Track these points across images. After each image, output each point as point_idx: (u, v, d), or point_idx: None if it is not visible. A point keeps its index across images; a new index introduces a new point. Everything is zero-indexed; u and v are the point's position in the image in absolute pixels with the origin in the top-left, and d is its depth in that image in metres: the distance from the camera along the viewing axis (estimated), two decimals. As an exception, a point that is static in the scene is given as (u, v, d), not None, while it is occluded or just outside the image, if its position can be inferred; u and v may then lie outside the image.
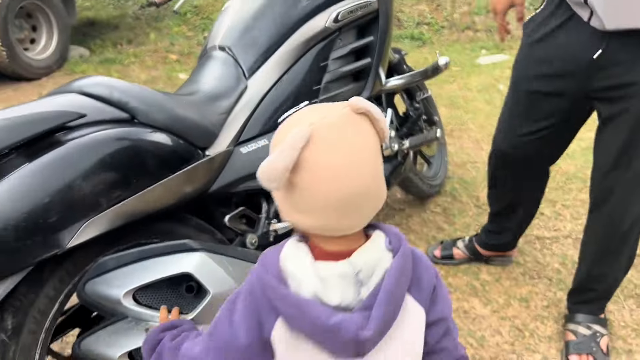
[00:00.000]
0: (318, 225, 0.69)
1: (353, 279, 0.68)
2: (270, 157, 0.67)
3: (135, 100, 1.08)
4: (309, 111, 0.71)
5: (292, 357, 0.69)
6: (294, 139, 0.65)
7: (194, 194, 1.15)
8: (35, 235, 0.88)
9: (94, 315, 1.18)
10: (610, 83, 1.30)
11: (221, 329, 0.72)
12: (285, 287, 0.68)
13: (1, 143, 0.88)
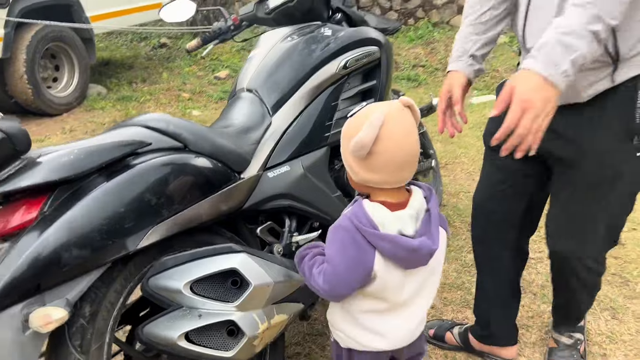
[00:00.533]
0: (384, 179, 1.05)
1: (415, 217, 1.06)
2: (360, 134, 1.02)
3: (187, 133, 1.33)
4: (374, 107, 1.07)
5: (387, 277, 1.05)
6: (375, 121, 1.01)
7: (231, 209, 1.38)
8: (114, 237, 1.11)
9: (142, 314, 1.40)
10: (558, 149, 1.36)
11: (338, 264, 1.06)
12: (378, 230, 1.02)
13: (87, 165, 1.13)
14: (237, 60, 5.83)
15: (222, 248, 1.21)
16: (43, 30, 4.21)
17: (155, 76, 5.56)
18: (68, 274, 1.08)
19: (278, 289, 1.26)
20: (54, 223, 1.07)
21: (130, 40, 7.04)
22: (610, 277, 2.24)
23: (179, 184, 1.24)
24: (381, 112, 1.02)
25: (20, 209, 1.09)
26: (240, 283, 1.19)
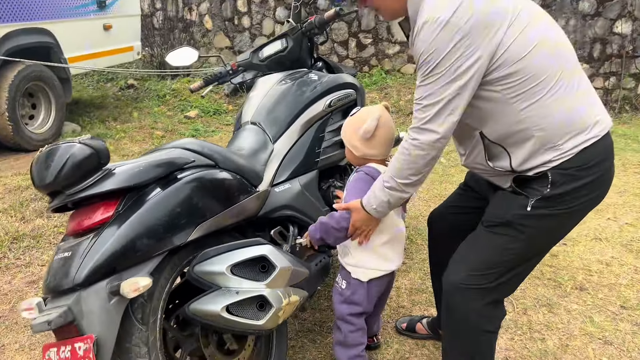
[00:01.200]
0: (379, 152, 1.73)
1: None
2: (367, 124, 1.68)
3: (216, 154, 1.67)
4: (370, 107, 1.76)
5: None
6: (376, 115, 1.69)
7: (251, 215, 1.73)
8: (172, 231, 1.43)
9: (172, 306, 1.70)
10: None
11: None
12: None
13: (150, 175, 1.44)
14: (204, 102, 6.18)
15: (252, 241, 1.55)
16: (25, 70, 4.43)
17: (126, 115, 5.80)
18: (138, 259, 1.38)
19: (294, 273, 1.60)
20: (127, 220, 1.38)
21: (97, 81, 7.26)
22: (546, 282, 2.69)
23: (216, 192, 1.58)
24: (377, 110, 1.72)
25: (101, 208, 1.39)
26: (267, 268, 1.52)
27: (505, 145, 1.46)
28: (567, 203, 1.43)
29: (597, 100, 1.48)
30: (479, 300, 1.54)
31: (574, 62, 1.44)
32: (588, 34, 6.47)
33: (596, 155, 1.41)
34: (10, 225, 3.03)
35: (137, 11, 6.05)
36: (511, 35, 1.34)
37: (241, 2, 7.61)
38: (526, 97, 1.37)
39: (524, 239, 1.49)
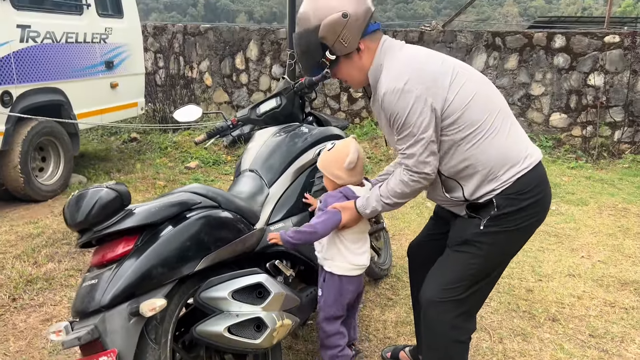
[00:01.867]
0: (357, 179, 2.05)
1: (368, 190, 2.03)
2: (350, 156, 1.99)
3: (219, 196, 1.94)
4: (345, 141, 2.09)
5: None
6: (356, 147, 2.03)
7: (249, 250, 1.98)
8: (182, 262, 1.68)
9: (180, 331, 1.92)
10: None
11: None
12: (355, 194, 2.01)
13: (164, 214, 1.71)
14: (204, 153, 6.50)
15: (250, 270, 1.80)
16: (38, 126, 4.76)
17: (129, 166, 6.10)
18: (153, 285, 1.63)
19: (287, 299, 1.84)
20: (145, 252, 1.64)
21: (101, 135, 7.61)
22: (522, 314, 2.91)
23: (219, 229, 1.84)
24: (352, 143, 2.04)
25: (122, 243, 1.65)
26: (263, 293, 1.77)
27: (457, 179, 1.79)
28: (513, 221, 1.75)
29: (526, 138, 1.83)
30: (451, 312, 1.83)
31: (505, 110, 1.79)
32: (564, 86, 6.91)
33: (531, 181, 1.74)
34: (24, 269, 3.26)
35: (141, 70, 6.47)
36: (453, 91, 1.69)
37: (239, 60, 8.11)
38: (468, 140, 1.71)
39: (482, 255, 1.79)
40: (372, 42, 1.80)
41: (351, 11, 1.72)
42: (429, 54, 1.80)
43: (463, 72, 1.75)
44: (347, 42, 1.75)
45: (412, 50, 1.81)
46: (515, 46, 7.02)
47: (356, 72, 1.84)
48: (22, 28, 4.55)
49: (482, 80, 1.81)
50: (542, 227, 4.15)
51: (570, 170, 6.20)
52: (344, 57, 1.81)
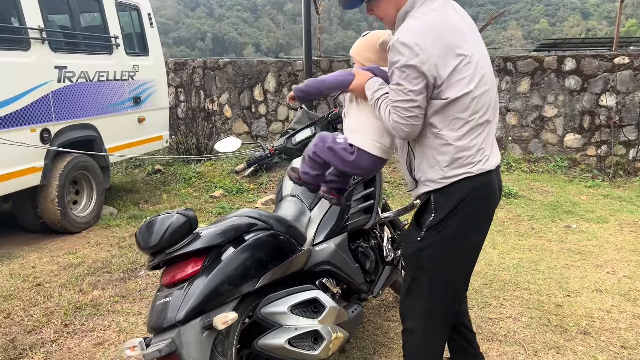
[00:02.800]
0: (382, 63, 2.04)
1: None
2: (385, 37, 2.04)
3: (271, 219, 2.10)
4: (376, 32, 2.09)
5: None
6: (388, 32, 2.03)
7: (298, 269, 2.12)
8: (245, 279, 1.83)
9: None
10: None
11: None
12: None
13: (227, 237, 1.87)
14: (227, 182, 6.69)
15: (305, 287, 1.95)
16: (73, 161, 4.98)
17: (156, 197, 6.30)
18: (220, 302, 1.78)
19: (339, 314, 1.97)
20: (212, 271, 1.79)
21: (126, 168, 7.85)
22: (553, 328, 3.00)
23: (274, 250, 2.00)
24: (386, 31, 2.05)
25: (191, 263, 1.81)
26: (318, 308, 1.91)
27: (415, 153, 1.89)
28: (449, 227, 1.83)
29: (488, 147, 1.86)
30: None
31: (488, 114, 1.82)
32: (576, 107, 7.07)
33: (473, 186, 1.81)
34: (71, 296, 3.41)
35: (166, 104, 6.73)
36: (450, 79, 1.72)
37: (257, 92, 8.38)
38: (437, 122, 1.79)
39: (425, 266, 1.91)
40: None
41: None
42: (456, 27, 1.78)
43: (471, 67, 1.75)
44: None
45: (441, 14, 1.78)
46: (527, 70, 7.21)
47: (392, 8, 1.85)
48: (60, 69, 4.81)
49: (486, 83, 1.81)
50: (565, 245, 4.33)
51: (588, 189, 6.30)
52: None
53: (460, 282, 2.02)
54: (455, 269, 1.93)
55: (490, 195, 1.88)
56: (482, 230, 1.94)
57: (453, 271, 1.93)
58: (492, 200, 1.91)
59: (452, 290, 1.97)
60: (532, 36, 78.22)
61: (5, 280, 3.74)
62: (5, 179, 4.24)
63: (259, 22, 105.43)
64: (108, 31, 5.59)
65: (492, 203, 1.91)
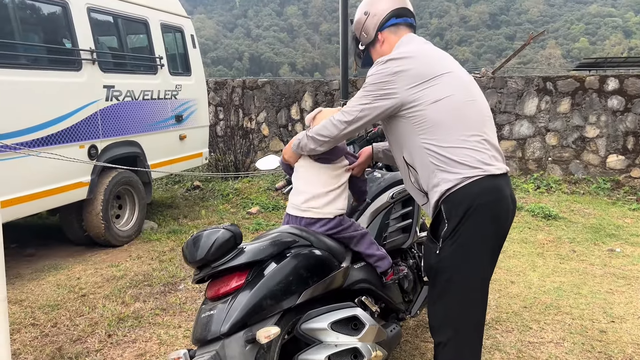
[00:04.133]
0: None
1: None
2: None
3: (312, 236, 2.14)
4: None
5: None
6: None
7: (338, 285, 2.15)
8: (287, 294, 1.86)
9: None
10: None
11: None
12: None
13: (270, 252, 1.91)
14: (264, 199, 6.79)
15: (345, 304, 1.97)
16: (117, 176, 5.16)
17: (194, 213, 6.44)
18: (263, 316, 1.81)
19: (378, 332, 1.98)
20: (255, 286, 1.83)
21: (166, 184, 8.07)
22: (597, 354, 2.92)
23: (315, 266, 2.03)
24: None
25: (235, 278, 1.86)
26: (358, 325, 1.92)
27: (415, 167, 1.97)
28: (463, 234, 1.85)
29: (488, 153, 1.91)
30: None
31: (478, 123, 1.91)
32: (620, 128, 6.90)
33: (476, 190, 1.83)
34: (114, 308, 3.52)
35: (206, 122, 6.92)
36: (425, 86, 1.87)
37: (294, 110, 8.51)
38: (423, 132, 1.90)
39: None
40: (391, 34, 2.11)
41: (371, 10, 2.13)
42: (436, 56, 1.99)
43: (450, 78, 1.91)
44: (367, 34, 2.16)
45: (424, 46, 2.02)
46: (567, 90, 7.10)
47: (378, 57, 2.05)
48: (108, 88, 5.03)
49: (466, 89, 1.94)
50: (609, 269, 4.21)
51: (632, 212, 6.11)
52: (371, 47, 2.18)
53: (481, 290, 1.98)
54: (474, 276, 1.92)
55: (500, 199, 1.89)
56: (496, 234, 1.92)
57: (473, 279, 1.92)
58: (503, 204, 1.90)
59: (475, 300, 1.95)
60: (572, 55, 76.79)
61: (52, 291, 3.89)
62: (55, 193, 4.43)
63: (295, 42, 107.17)
64: (153, 52, 5.82)
65: (504, 207, 1.91)
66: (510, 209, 1.96)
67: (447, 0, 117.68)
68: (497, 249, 1.98)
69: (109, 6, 5.17)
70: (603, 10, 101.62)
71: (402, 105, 1.90)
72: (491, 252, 1.94)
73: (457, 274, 1.89)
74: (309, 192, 2.20)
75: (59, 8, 4.59)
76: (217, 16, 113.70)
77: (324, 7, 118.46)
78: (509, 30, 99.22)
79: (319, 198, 2.19)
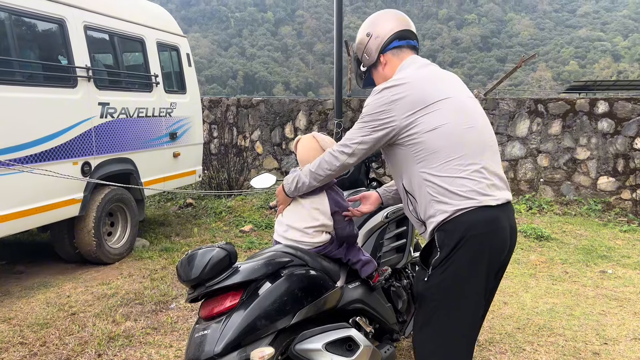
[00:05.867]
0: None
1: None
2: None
3: (306, 255, 2.14)
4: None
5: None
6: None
7: (332, 306, 2.14)
8: (281, 315, 1.85)
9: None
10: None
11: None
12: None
13: (265, 271, 1.90)
14: (257, 217, 6.77)
15: (339, 325, 1.96)
16: (110, 193, 5.14)
17: (187, 231, 6.41)
18: (257, 336, 1.80)
19: (373, 354, 1.97)
20: (250, 306, 1.83)
21: (158, 201, 8.03)
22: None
23: (309, 286, 2.02)
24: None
25: (229, 297, 1.85)
26: (352, 347, 1.91)
27: (413, 195, 1.96)
28: (453, 263, 1.82)
29: (488, 182, 1.88)
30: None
31: (476, 151, 1.88)
32: (610, 150, 6.98)
33: (471, 220, 1.81)
34: (104, 327, 3.48)
35: (200, 140, 6.93)
36: (423, 113, 1.86)
37: (288, 129, 8.55)
38: (421, 160, 1.88)
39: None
40: (393, 57, 2.09)
41: (373, 31, 2.12)
42: (435, 80, 1.97)
43: (449, 104, 1.89)
44: (369, 56, 2.14)
45: (422, 71, 2.00)
46: (558, 112, 7.20)
47: (381, 81, 2.08)
48: (103, 105, 5.03)
49: (467, 116, 1.92)
50: (601, 290, 4.22)
51: (624, 234, 6.15)
52: (372, 69, 2.16)
53: (469, 325, 1.90)
54: (462, 309, 1.86)
55: (495, 231, 1.84)
56: (489, 266, 1.86)
57: (459, 311, 1.85)
58: (499, 236, 1.86)
59: (460, 331, 1.87)
60: (562, 78, 77.96)
61: (42, 309, 3.83)
62: (47, 210, 4.40)
63: (289, 62, 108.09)
64: (149, 70, 5.84)
65: (499, 239, 1.86)
66: (508, 240, 1.91)
67: (440, 23, 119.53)
68: (492, 281, 1.94)
69: (106, 24, 5.21)
70: (592, 34, 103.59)
71: (399, 132, 1.89)
72: (483, 284, 1.88)
73: (443, 304, 1.85)
74: (288, 225, 2.21)
75: (55, 25, 4.61)
76: (212, 35, 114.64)
77: (318, 27, 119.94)
78: (500, 53, 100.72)
79: (297, 231, 2.18)
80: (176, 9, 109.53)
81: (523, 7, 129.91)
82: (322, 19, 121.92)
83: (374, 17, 2.16)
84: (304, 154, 2.25)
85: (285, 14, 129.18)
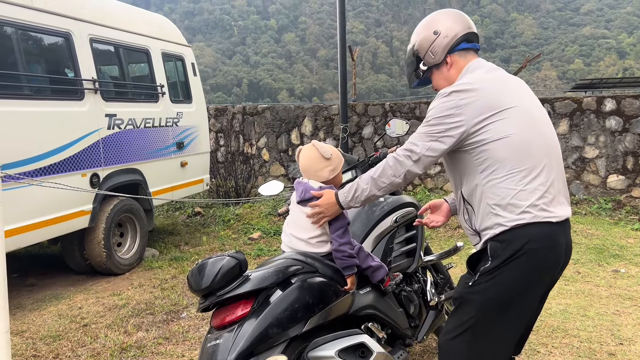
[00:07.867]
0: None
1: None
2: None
3: (317, 262, 2.13)
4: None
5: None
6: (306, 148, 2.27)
7: (344, 312, 2.13)
8: (293, 322, 1.85)
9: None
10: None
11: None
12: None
13: (276, 279, 1.90)
14: (265, 224, 6.78)
15: (352, 331, 1.95)
16: (119, 204, 5.16)
17: (196, 239, 6.42)
18: (269, 345, 1.80)
19: (386, 359, 1.96)
20: (262, 314, 1.82)
21: (167, 210, 8.06)
22: None
23: (320, 292, 2.02)
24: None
25: (241, 305, 1.84)
26: (365, 353, 1.90)
27: (471, 204, 1.90)
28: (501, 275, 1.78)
29: (550, 196, 1.82)
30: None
31: (543, 162, 1.82)
32: (619, 148, 6.93)
33: (530, 234, 1.76)
34: (116, 338, 3.48)
35: (207, 149, 6.95)
36: (490, 120, 1.79)
37: (294, 136, 8.56)
38: (485, 169, 1.82)
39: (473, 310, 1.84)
40: (460, 58, 2.00)
41: (442, 29, 2.00)
42: (503, 85, 1.89)
43: (517, 112, 1.82)
44: (435, 55, 2.02)
45: (492, 75, 1.93)
46: (565, 111, 7.16)
47: (444, 82, 2.03)
48: (110, 117, 5.07)
49: (534, 127, 1.85)
50: (614, 290, 4.18)
51: (635, 232, 6.09)
52: (435, 68, 2.05)
53: (507, 337, 1.86)
54: (502, 320, 1.81)
55: (551, 248, 1.80)
56: (539, 284, 1.82)
57: (499, 322, 1.81)
58: (554, 254, 1.81)
59: (496, 350, 1.83)
60: (567, 76, 77.66)
61: (54, 321, 3.85)
62: (57, 222, 4.43)
63: (293, 68, 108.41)
64: (155, 80, 5.88)
65: (554, 257, 1.82)
66: (562, 258, 1.87)
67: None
68: (538, 299, 1.89)
69: (111, 36, 5.25)
70: (596, 32, 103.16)
71: (467, 137, 1.82)
72: (528, 302, 1.84)
73: (483, 312, 1.80)
74: (292, 234, 2.20)
75: (61, 39, 4.65)
76: (216, 44, 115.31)
77: (321, 33, 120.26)
78: (504, 53, 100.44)
79: (301, 242, 2.16)
80: (180, 19, 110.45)
81: (526, 6, 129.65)
82: (324, 25, 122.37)
83: (439, 16, 2.05)
84: (305, 163, 2.23)
85: (288, 21, 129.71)
